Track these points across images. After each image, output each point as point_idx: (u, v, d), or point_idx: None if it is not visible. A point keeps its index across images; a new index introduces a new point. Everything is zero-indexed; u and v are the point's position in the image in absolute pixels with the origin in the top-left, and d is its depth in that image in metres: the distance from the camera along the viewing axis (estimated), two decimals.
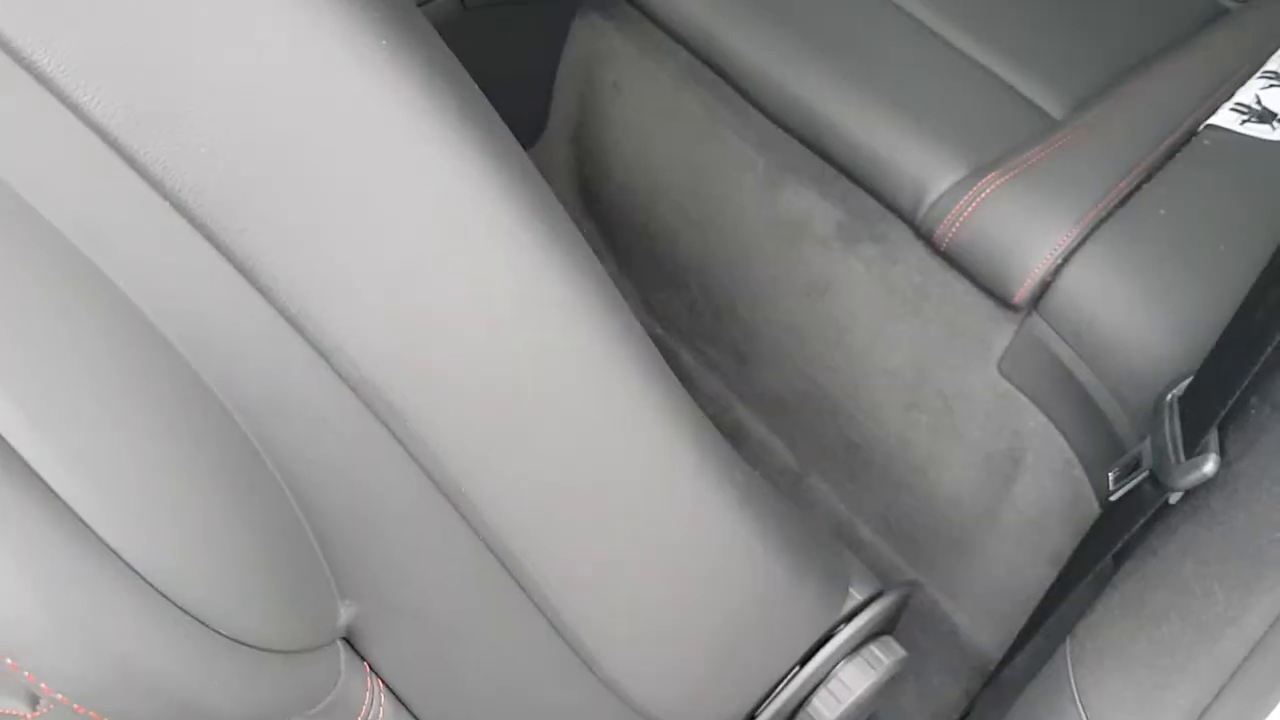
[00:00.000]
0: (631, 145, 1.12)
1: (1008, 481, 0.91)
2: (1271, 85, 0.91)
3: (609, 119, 1.13)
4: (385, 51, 0.27)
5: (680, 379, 1.18)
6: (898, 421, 0.98)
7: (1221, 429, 0.61)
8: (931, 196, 0.89)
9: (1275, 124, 0.87)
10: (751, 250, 1.05)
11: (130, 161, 0.25)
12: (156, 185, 0.25)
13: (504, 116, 1.19)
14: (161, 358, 0.26)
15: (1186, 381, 0.68)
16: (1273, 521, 0.57)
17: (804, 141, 0.98)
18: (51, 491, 0.24)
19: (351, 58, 0.27)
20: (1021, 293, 0.83)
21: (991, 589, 0.98)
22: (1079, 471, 0.85)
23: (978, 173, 0.87)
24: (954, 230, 0.86)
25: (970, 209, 0.85)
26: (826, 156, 0.97)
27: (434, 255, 0.30)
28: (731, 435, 1.15)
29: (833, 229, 0.97)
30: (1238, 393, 0.59)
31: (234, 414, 0.28)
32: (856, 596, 0.67)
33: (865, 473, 1.04)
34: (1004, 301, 0.85)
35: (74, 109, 0.24)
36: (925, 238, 0.90)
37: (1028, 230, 0.83)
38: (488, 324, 0.31)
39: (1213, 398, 0.62)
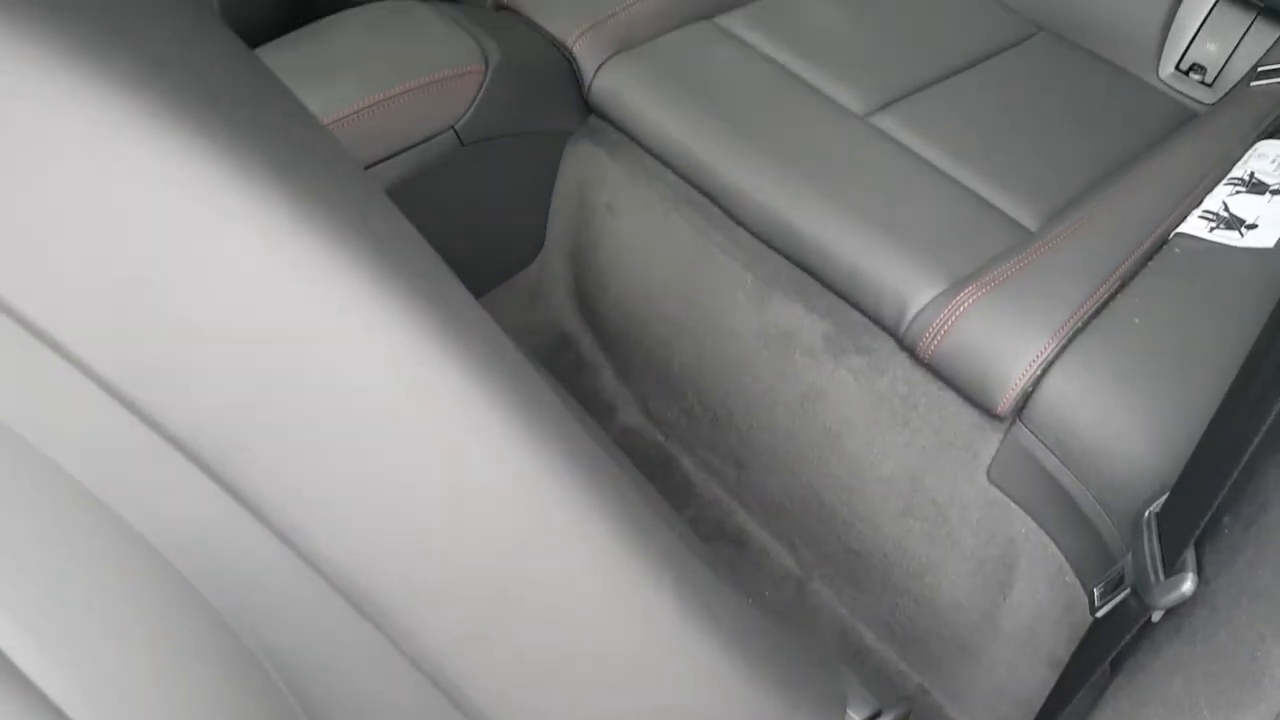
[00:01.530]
0: (626, 262, 1.16)
1: (1004, 587, 0.92)
2: (1238, 192, 0.94)
3: (604, 238, 1.17)
4: (361, 293, 0.30)
5: (681, 486, 1.20)
6: (894, 528, 0.99)
7: (1198, 546, 0.63)
8: (913, 310, 0.92)
9: (1243, 230, 0.90)
10: (744, 361, 1.07)
11: (130, 407, 0.28)
12: (156, 427, 0.28)
13: (503, 237, 1.23)
14: (161, 576, 0.29)
15: (1164, 498, 0.70)
16: (1253, 638, 0.58)
17: (789, 258, 1.02)
18: (56, 709, 0.26)
19: (329, 309, 0.30)
20: (1004, 403, 0.86)
21: (994, 693, 0.98)
22: (1071, 578, 0.86)
23: (956, 286, 0.90)
24: (936, 343, 0.89)
25: (950, 322, 0.88)
26: (811, 272, 1.00)
27: (415, 467, 0.33)
28: (733, 541, 1.16)
29: (820, 341, 1.00)
30: (1211, 511, 0.60)
31: (230, 622, 0.30)
32: (854, 719, 0.69)
33: (866, 578, 1.05)
34: (988, 411, 0.88)
35: (80, 366, 0.27)
36: (909, 350, 0.93)
37: (1007, 342, 0.86)
38: (471, 527, 0.34)
39: (1188, 515, 0.63)
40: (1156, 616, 0.64)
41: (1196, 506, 0.62)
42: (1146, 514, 0.69)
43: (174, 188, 0.29)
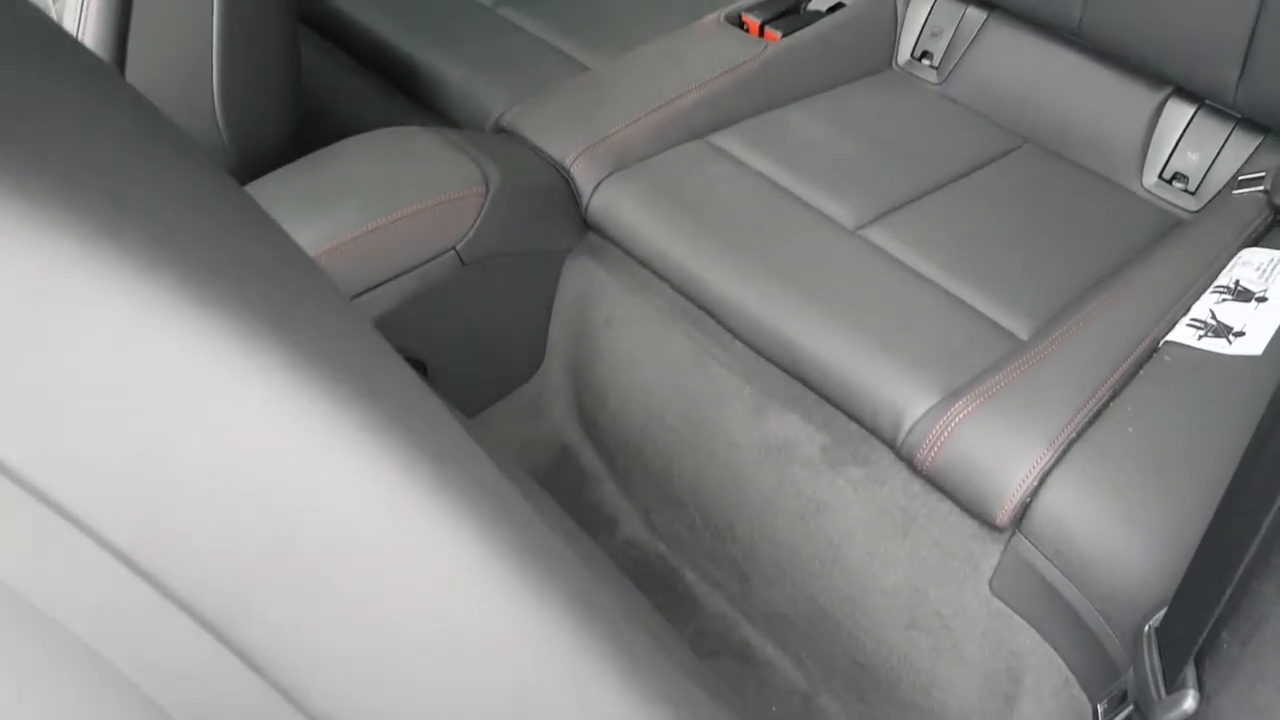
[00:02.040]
0: (625, 375, 1.17)
1: (1010, 700, 0.91)
2: (1224, 299, 0.96)
3: (603, 352, 1.18)
4: (359, 449, 0.32)
5: (684, 599, 1.19)
6: (900, 641, 0.99)
7: (1198, 662, 0.63)
8: (908, 422, 0.93)
9: (1231, 338, 0.91)
10: (745, 472, 1.08)
11: (135, 569, 0.29)
12: (159, 587, 0.29)
13: (504, 352, 1.25)
14: None
15: (1163, 611, 0.70)
16: None
17: (786, 370, 1.03)
18: None
19: (328, 466, 0.31)
20: (1003, 514, 0.86)
21: None
22: (1077, 690, 0.86)
23: (951, 397, 0.92)
24: (933, 455, 0.90)
25: (946, 434, 0.89)
26: (808, 384, 1.02)
27: (415, 621, 0.33)
28: (738, 655, 1.15)
29: (818, 452, 1.01)
30: (1208, 627, 0.60)
31: None
32: None
33: (873, 693, 1.04)
34: (988, 523, 0.88)
35: (89, 533, 0.28)
36: (907, 461, 0.93)
37: (1003, 453, 0.87)
38: (471, 678, 0.34)
39: (1187, 630, 0.63)
40: None
41: (1194, 622, 0.62)
42: (1147, 628, 0.68)
43: (179, 353, 0.30)
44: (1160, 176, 1.19)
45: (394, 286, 1.03)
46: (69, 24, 1.02)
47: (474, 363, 1.18)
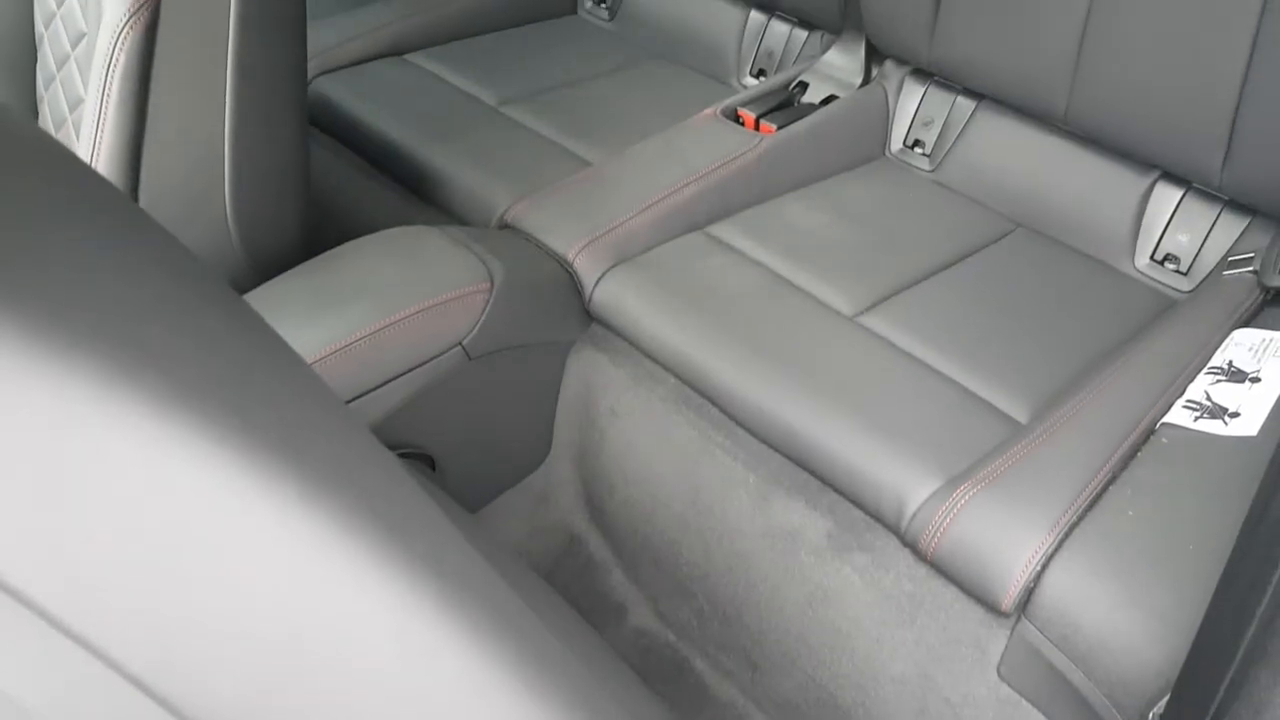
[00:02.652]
0: (631, 464, 1.19)
1: None
2: (1219, 380, 0.97)
3: (608, 441, 1.20)
4: (366, 568, 0.33)
5: (694, 689, 1.19)
6: None
7: None
8: (911, 508, 0.94)
9: (1226, 419, 0.93)
10: (751, 559, 1.09)
11: (151, 694, 0.30)
12: (174, 711, 0.30)
13: (511, 443, 1.26)
14: None
15: (1166, 698, 0.70)
16: None
17: (789, 458, 1.05)
18: None
19: (336, 586, 0.33)
20: (1007, 600, 0.86)
21: None
22: None
23: (952, 483, 0.93)
24: (936, 541, 0.90)
25: (949, 520, 0.90)
26: (811, 471, 1.03)
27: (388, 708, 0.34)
28: None
29: (824, 539, 1.02)
30: (1210, 716, 0.61)
31: None
32: None
33: None
34: (993, 608, 0.88)
35: (106, 661, 0.29)
36: (911, 547, 0.94)
37: (1005, 538, 0.88)
38: None
39: (1189, 718, 0.64)
40: None
41: (1196, 710, 0.62)
42: (1151, 715, 0.69)
43: (194, 487, 0.32)
44: (1152, 258, 1.21)
45: (401, 383, 1.05)
46: (86, 134, 1.06)
47: (481, 455, 1.19)
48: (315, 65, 1.53)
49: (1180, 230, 1.20)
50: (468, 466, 1.18)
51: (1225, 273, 1.12)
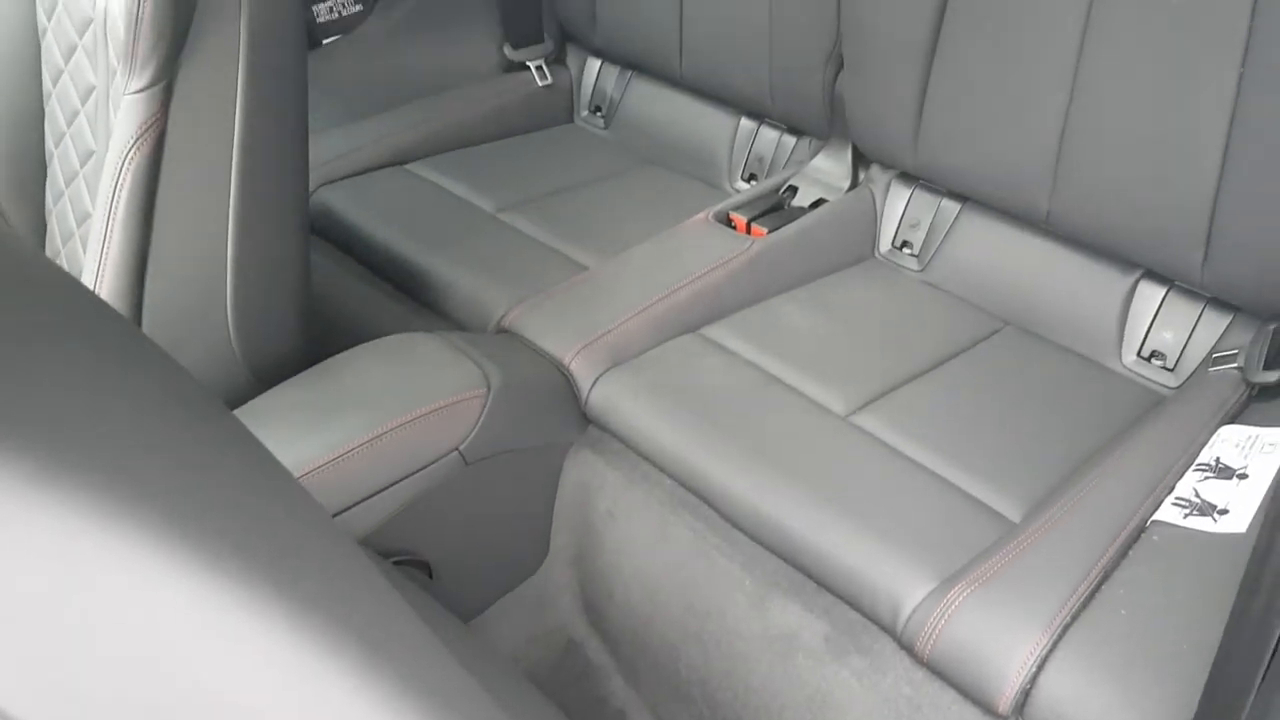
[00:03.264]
0: (629, 567, 1.19)
1: None
2: (1207, 477, 0.98)
3: (606, 544, 1.20)
4: (357, 689, 0.34)
5: None
6: None
7: None
8: (907, 609, 0.94)
9: (1215, 516, 0.93)
10: (750, 663, 1.08)
11: None
12: None
13: (508, 547, 1.26)
14: None
15: None
16: None
17: (785, 559, 1.05)
18: None
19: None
20: (1004, 701, 0.86)
21: None
22: None
23: (946, 584, 0.93)
24: (932, 643, 0.90)
25: (943, 622, 0.90)
26: (807, 572, 1.03)
27: None
28: None
29: (821, 642, 1.01)
30: None
31: None
32: None
33: None
34: (990, 710, 0.88)
35: None
36: (907, 649, 0.94)
37: (1000, 639, 0.88)
38: None
39: None
40: None
41: None
42: None
43: (188, 616, 0.33)
44: (1139, 354, 1.23)
45: (399, 490, 1.06)
46: (93, 249, 1.09)
47: (478, 560, 1.20)
48: (318, 176, 1.57)
49: (1165, 328, 1.22)
50: (465, 572, 1.18)
51: (1211, 369, 1.14)
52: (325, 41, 1.72)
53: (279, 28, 1.07)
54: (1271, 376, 1.07)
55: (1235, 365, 1.11)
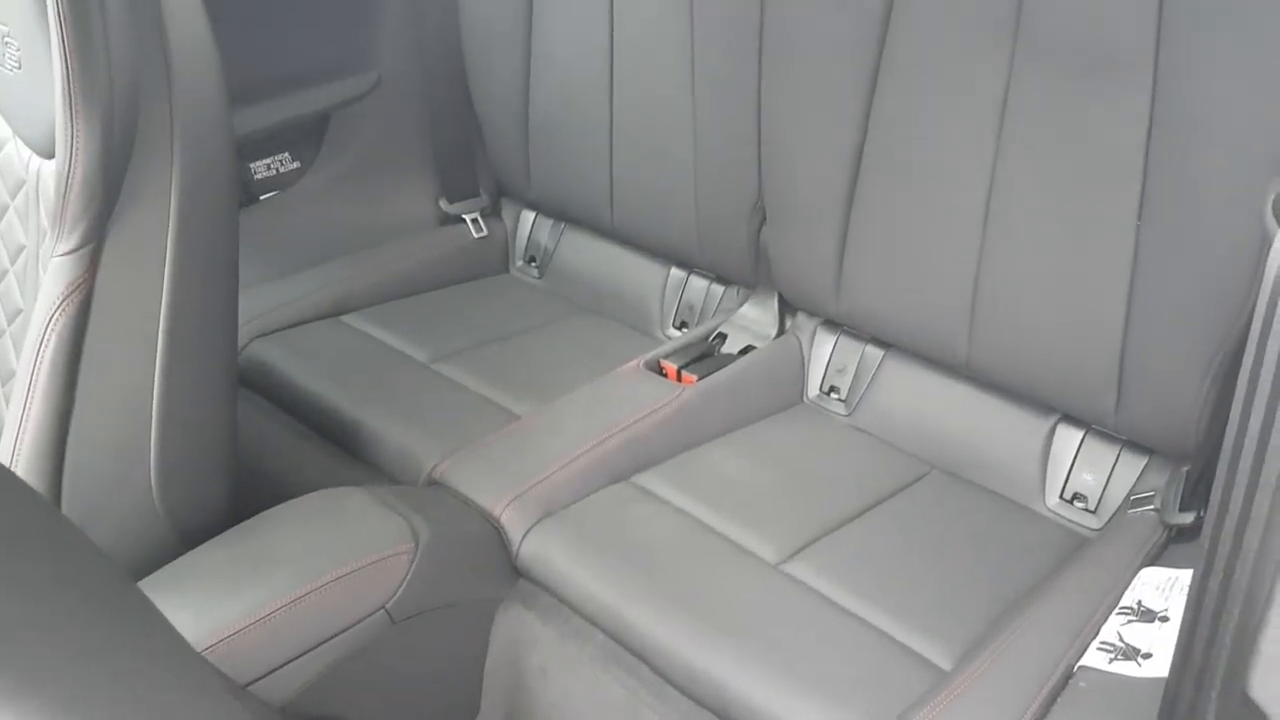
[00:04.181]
0: None
1: None
2: (1130, 621, 0.99)
3: (538, 702, 1.18)
4: None
5: None
6: None
7: None
8: None
9: (1139, 660, 0.94)
10: None
11: None
12: None
13: (437, 708, 1.22)
14: None
15: None
16: None
17: (719, 715, 1.03)
18: None
19: None
20: None
21: None
22: None
23: None
24: None
25: None
26: None
27: None
28: None
29: None
30: None
31: None
32: None
33: None
34: None
35: None
36: None
37: None
38: None
39: None
40: None
41: None
42: None
43: None
44: (1061, 496, 1.26)
45: (322, 652, 1.04)
46: (14, 408, 1.07)
47: None
48: (252, 329, 1.57)
49: (1085, 469, 1.25)
50: None
51: (1130, 511, 1.17)
52: (262, 197, 1.74)
53: (210, 189, 1.09)
54: (1187, 518, 1.10)
55: (1153, 507, 1.14)
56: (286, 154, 1.76)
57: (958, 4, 1.19)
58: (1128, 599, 1.02)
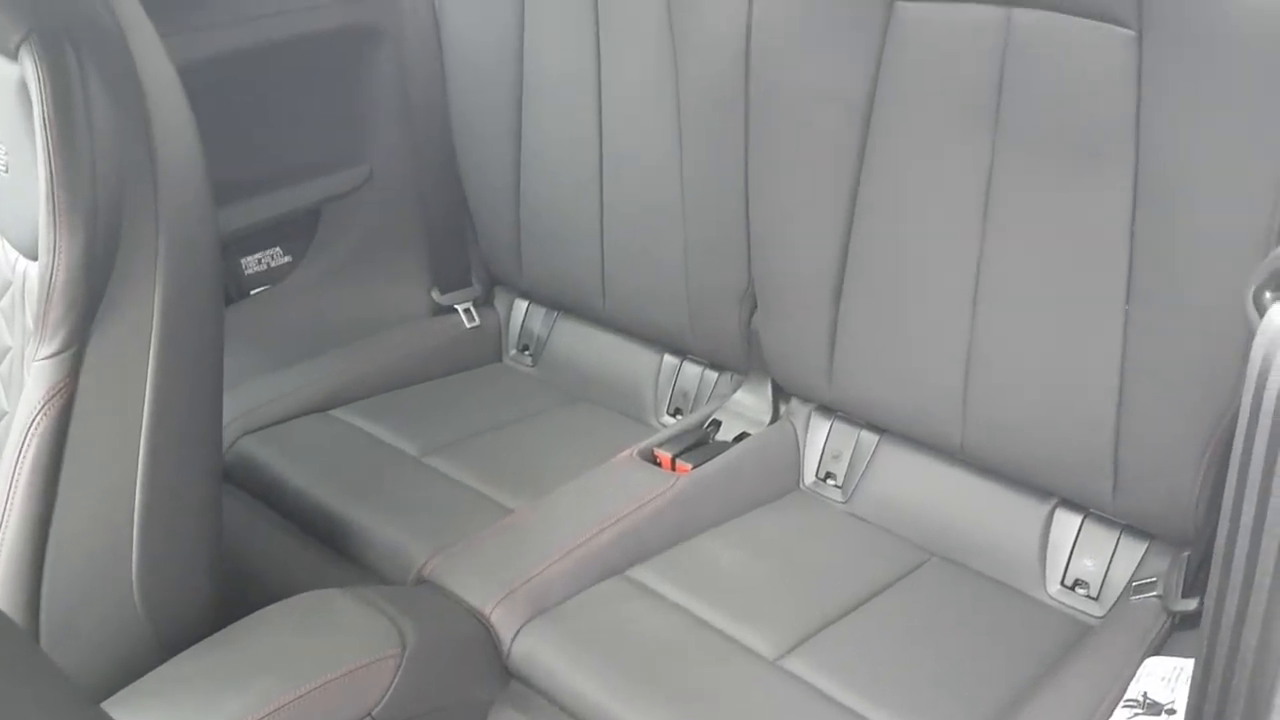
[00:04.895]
0: None
1: None
2: (1136, 714, 0.96)
3: None
4: None
5: None
6: None
7: None
8: None
9: None
10: None
11: None
12: None
13: None
14: None
15: None
16: None
17: None
18: None
19: None
20: None
21: None
22: None
23: None
24: None
25: None
26: None
27: None
28: None
29: None
30: None
31: None
32: None
33: None
34: None
35: None
36: None
37: None
38: None
39: None
40: None
41: None
42: None
43: None
44: (1062, 583, 1.23)
45: None
46: None
47: None
48: (240, 425, 1.56)
49: (1085, 555, 1.23)
50: None
51: (1133, 598, 1.14)
52: (253, 292, 1.75)
53: (196, 291, 1.09)
54: (1190, 605, 1.07)
55: (1155, 594, 1.12)
56: (278, 248, 1.77)
57: (939, 93, 1.20)
58: (1133, 691, 0.99)
